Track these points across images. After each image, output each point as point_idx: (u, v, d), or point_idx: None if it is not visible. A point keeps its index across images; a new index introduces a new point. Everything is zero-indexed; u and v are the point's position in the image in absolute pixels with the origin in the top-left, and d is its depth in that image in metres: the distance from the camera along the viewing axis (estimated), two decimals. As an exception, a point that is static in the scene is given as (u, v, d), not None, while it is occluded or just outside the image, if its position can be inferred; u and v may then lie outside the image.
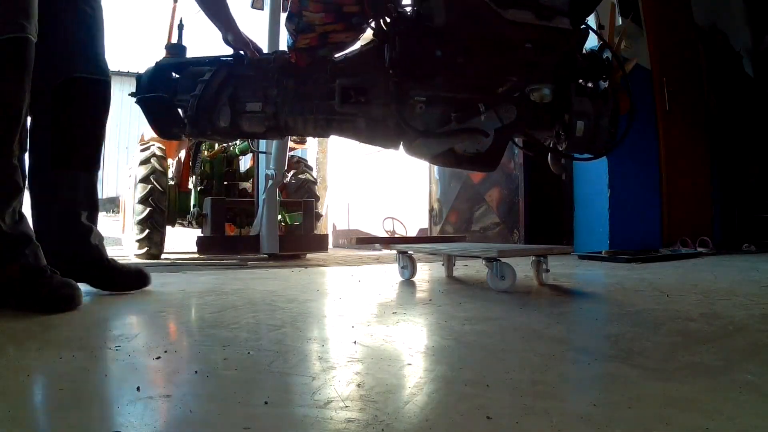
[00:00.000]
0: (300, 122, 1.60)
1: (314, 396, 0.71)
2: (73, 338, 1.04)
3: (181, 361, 0.89)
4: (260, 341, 1.04)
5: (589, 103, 1.50)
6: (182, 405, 0.68)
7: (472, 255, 1.89)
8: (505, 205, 4.18)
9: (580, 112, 1.50)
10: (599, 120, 1.51)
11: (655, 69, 4.05)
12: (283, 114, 1.59)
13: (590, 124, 1.50)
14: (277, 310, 1.41)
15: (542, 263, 1.96)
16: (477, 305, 1.48)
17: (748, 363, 0.89)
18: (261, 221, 3.44)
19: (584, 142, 1.53)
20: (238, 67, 1.65)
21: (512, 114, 1.49)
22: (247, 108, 1.59)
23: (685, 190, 4.27)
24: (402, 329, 1.19)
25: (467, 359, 0.93)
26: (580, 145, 1.54)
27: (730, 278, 2.17)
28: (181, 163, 4.12)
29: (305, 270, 2.69)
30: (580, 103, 1.51)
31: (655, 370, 0.84)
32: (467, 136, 1.50)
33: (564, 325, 1.23)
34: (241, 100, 1.60)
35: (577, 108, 1.50)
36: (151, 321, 1.28)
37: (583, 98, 1.51)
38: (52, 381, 0.79)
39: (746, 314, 1.33)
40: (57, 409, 0.67)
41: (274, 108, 1.58)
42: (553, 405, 0.69)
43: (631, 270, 2.59)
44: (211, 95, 1.59)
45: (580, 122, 1.50)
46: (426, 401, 0.70)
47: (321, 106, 1.57)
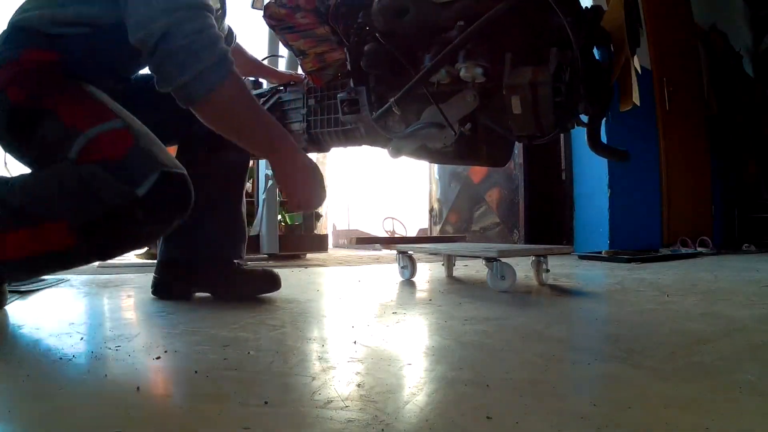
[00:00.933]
0: (327, 136, 1.78)
1: (314, 396, 0.71)
2: (72, 337, 1.04)
3: (181, 361, 0.89)
4: (260, 341, 1.04)
5: (529, 73, 1.30)
6: (182, 405, 0.68)
7: (472, 255, 1.89)
8: (505, 205, 4.18)
9: (512, 85, 1.31)
10: (536, 90, 1.28)
11: (655, 69, 4.05)
12: (315, 130, 1.78)
13: (528, 97, 1.30)
14: (277, 310, 1.41)
15: (542, 263, 1.96)
16: (477, 305, 1.48)
17: (748, 363, 0.89)
18: (261, 221, 3.44)
19: (530, 120, 1.33)
20: (283, 94, 1.87)
21: (471, 101, 1.39)
22: (291, 128, 1.82)
23: (685, 190, 4.28)
24: (402, 329, 1.19)
25: (467, 359, 0.92)
26: (526, 125, 1.34)
27: (730, 278, 2.17)
28: (181, 163, 4.12)
29: (305, 270, 2.69)
30: (514, 74, 1.32)
31: (655, 370, 0.84)
32: (426, 132, 1.47)
33: (564, 325, 1.23)
34: (286, 122, 1.83)
35: (509, 81, 1.32)
36: (151, 321, 1.28)
37: (523, 68, 1.32)
38: (52, 381, 0.78)
39: (746, 314, 1.33)
40: (57, 409, 0.67)
41: (306, 125, 1.79)
42: (553, 405, 0.68)
43: (631, 270, 2.59)
44: None
45: (515, 97, 1.31)
46: (426, 401, 0.70)
47: (336, 120, 1.72)
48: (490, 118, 1.42)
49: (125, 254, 1.41)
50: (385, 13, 1.43)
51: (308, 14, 1.59)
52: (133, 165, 1.13)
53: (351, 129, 1.69)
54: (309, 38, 1.65)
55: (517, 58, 1.35)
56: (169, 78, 1.15)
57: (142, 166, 1.14)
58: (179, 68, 1.13)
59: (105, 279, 2.12)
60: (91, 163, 1.11)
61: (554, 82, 1.27)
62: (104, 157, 1.12)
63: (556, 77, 1.27)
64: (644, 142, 3.96)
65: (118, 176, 1.11)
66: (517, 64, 1.33)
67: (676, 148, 4.17)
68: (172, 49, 1.12)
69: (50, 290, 1.74)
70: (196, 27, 1.13)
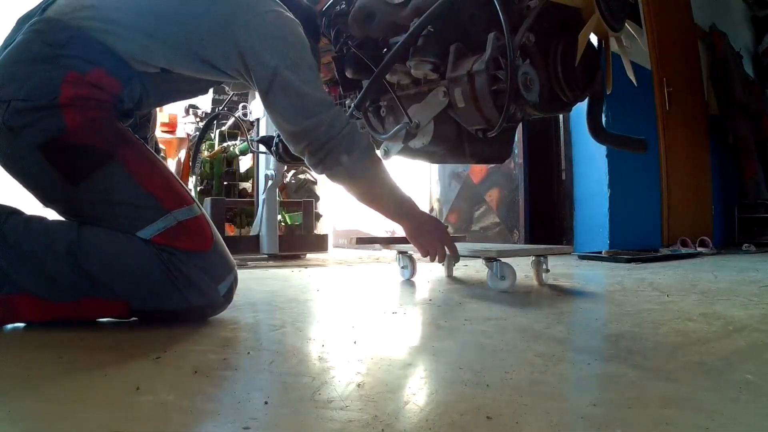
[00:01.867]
0: None
1: (314, 396, 0.71)
2: (72, 338, 1.04)
3: (181, 361, 0.89)
4: (260, 341, 1.04)
5: (469, 64, 1.24)
6: (182, 405, 0.68)
7: (472, 255, 1.89)
8: (505, 205, 4.18)
9: (453, 78, 1.26)
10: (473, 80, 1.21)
11: (655, 69, 4.05)
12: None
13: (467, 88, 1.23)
14: (277, 310, 1.41)
15: (542, 263, 1.96)
16: (477, 305, 1.48)
17: (748, 363, 0.89)
18: (261, 221, 3.44)
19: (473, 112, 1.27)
20: None
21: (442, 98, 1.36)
22: None
23: (685, 190, 4.27)
24: (402, 329, 1.19)
25: (467, 359, 0.92)
26: (472, 117, 1.30)
27: (730, 278, 2.17)
28: (181, 163, 4.13)
29: (305, 270, 2.69)
30: (455, 66, 1.26)
31: (655, 370, 0.84)
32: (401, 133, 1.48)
33: (564, 325, 1.23)
34: None
35: (450, 74, 1.26)
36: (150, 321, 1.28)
37: (464, 59, 1.26)
38: (52, 381, 0.78)
39: (746, 314, 1.33)
40: (57, 410, 0.67)
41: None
42: (553, 405, 0.68)
43: (631, 270, 2.59)
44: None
45: (457, 90, 1.26)
46: (426, 401, 0.70)
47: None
48: (457, 114, 1.38)
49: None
50: (357, 19, 1.45)
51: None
52: (215, 261, 1.15)
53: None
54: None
55: (464, 48, 1.30)
56: (333, 164, 1.21)
57: (222, 264, 1.17)
58: (345, 154, 1.20)
59: (105, 279, 2.11)
60: (176, 250, 1.10)
61: (491, 69, 1.21)
62: (191, 248, 1.11)
63: (493, 64, 1.21)
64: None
65: (207, 272, 1.12)
66: (463, 54, 1.29)
67: (676, 148, 4.17)
68: (337, 140, 1.19)
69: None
70: (343, 118, 1.21)
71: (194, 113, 4.30)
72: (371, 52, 1.48)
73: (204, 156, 3.96)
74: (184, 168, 4.08)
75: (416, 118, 1.43)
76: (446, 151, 1.54)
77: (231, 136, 4.11)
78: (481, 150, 1.57)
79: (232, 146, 4.04)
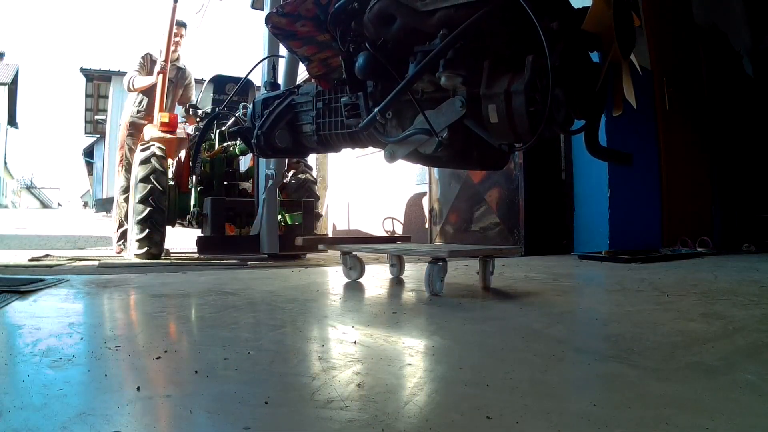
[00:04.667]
0: (334, 138, 1.82)
1: (314, 396, 0.71)
2: (72, 338, 1.04)
3: (181, 361, 0.89)
4: (260, 341, 1.04)
5: (505, 82, 1.28)
6: (182, 405, 0.68)
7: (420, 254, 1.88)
8: (505, 205, 4.18)
9: (487, 95, 1.30)
10: (510, 100, 1.26)
11: (655, 69, 4.05)
12: (323, 132, 1.83)
13: (503, 106, 1.27)
14: (277, 310, 1.41)
15: (488, 264, 1.87)
16: (477, 305, 1.48)
17: (748, 363, 0.89)
18: (261, 221, 3.44)
19: (507, 129, 1.31)
20: (296, 96, 1.91)
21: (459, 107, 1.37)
22: (303, 129, 1.87)
23: (685, 190, 4.27)
24: (402, 329, 1.19)
25: (467, 359, 0.92)
26: (503, 134, 1.33)
27: (730, 278, 2.17)
28: (181, 163, 4.12)
29: (305, 270, 2.69)
30: (490, 83, 1.30)
31: (655, 370, 0.84)
32: (417, 138, 1.47)
33: (564, 325, 1.23)
34: (298, 123, 1.88)
35: (485, 91, 1.30)
36: (151, 321, 1.28)
37: (499, 76, 1.30)
38: (53, 382, 0.78)
39: (746, 314, 1.33)
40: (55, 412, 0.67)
41: (315, 127, 1.84)
42: (553, 405, 0.68)
43: (631, 270, 2.59)
44: (270, 124, 1.88)
45: (491, 106, 1.30)
46: (426, 401, 0.70)
47: (341, 123, 1.75)
48: (476, 124, 1.40)
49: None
50: (374, 21, 1.43)
51: (308, 22, 1.62)
52: None
53: (355, 132, 1.71)
54: (311, 45, 1.68)
55: (497, 65, 1.33)
56: None
57: None
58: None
59: (105, 279, 2.11)
60: None
61: (529, 91, 1.25)
62: None
63: (531, 86, 1.25)
64: (644, 142, 3.96)
65: None
66: (496, 71, 1.32)
67: (676, 148, 4.17)
68: None
69: (50, 290, 1.74)
70: None
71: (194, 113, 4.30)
72: (389, 55, 1.47)
73: (204, 156, 3.95)
74: (185, 168, 4.07)
75: (425, 124, 1.43)
76: (453, 157, 1.54)
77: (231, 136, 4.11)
78: (485, 157, 1.57)
79: (232, 146, 4.04)
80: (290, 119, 1.88)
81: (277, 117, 1.88)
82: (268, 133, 1.88)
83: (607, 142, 3.41)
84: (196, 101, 4.60)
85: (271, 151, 1.92)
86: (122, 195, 4.23)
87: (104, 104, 17.77)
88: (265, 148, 1.89)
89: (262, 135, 1.85)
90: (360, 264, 2.09)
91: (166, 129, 3.90)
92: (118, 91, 14.93)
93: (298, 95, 1.90)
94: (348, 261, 2.10)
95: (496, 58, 1.34)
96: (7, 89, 24.10)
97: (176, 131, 3.96)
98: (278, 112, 1.88)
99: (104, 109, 17.69)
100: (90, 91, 17.91)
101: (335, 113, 1.78)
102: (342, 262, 2.11)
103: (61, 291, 1.75)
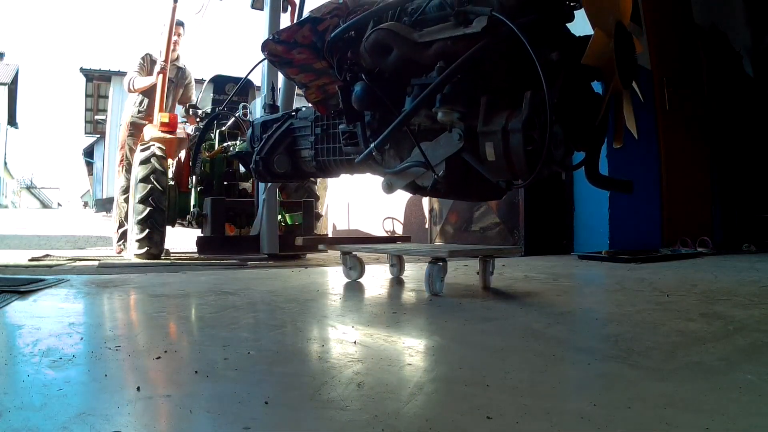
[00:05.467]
0: (333, 164, 1.83)
1: (314, 396, 0.71)
2: (72, 338, 1.04)
3: (181, 361, 0.89)
4: (260, 341, 1.04)
5: (502, 119, 1.25)
6: (182, 405, 0.68)
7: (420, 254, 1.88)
8: (505, 205, 4.18)
9: (485, 132, 1.27)
10: (508, 138, 1.23)
11: (655, 69, 4.05)
12: (322, 158, 1.84)
13: (500, 144, 1.24)
14: (277, 310, 1.41)
15: (488, 265, 1.87)
16: (477, 305, 1.48)
17: (748, 363, 0.89)
18: (261, 221, 3.44)
19: (504, 167, 1.28)
20: (295, 120, 1.92)
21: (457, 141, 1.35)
22: (302, 154, 1.89)
23: (685, 190, 4.27)
24: (402, 329, 1.19)
25: (467, 359, 0.92)
26: (500, 171, 1.30)
27: (730, 278, 2.17)
28: (181, 163, 4.12)
29: (305, 270, 2.69)
30: (488, 120, 1.27)
31: (655, 370, 0.84)
32: (415, 170, 1.47)
33: (564, 325, 1.23)
34: (297, 147, 1.90)
35: (482, 128, 1.27)
36: (151, 321, 1.28)
37: (497, 113, 1.27)
38: (53, 382, 0.78)
39: (746, 314, 1.33)
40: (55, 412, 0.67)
41: (314, 152, 1.85)
42: (553, 405, 0.68)
43: (631, 270, 2.59)
44: (269, 149, 1.89)
45: (488, 144, 1.27)
46: (426, 401, 0.70)
47: (339, 150, 1.76)
48: (474, 158, 1.38)
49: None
50: (371, 51, 1.41)
51: (305, 50, 1.61)
52: None
53: (353, 159, 1.71)
54: (308, 72, 1.68)
55: (494, 100, 1.30)
56: None
57: None
58: None
59: (105, 279, 2.12)
60: None
61: (527, 129, 1.21)
62: None
63: (529, 124, 1.22)
64: (644, 142, 3.96)
65: None
66: (494, 107, 1.29)
67: (676, 147, 4.17)
68: None
69: (50, 290, 1.74)
70: None
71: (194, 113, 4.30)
72: (385, 85, 1.44)
73: (204, 156, 3.95)
74: (185, 168, 4.06)
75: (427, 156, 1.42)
76: (451, 189, 1.53)
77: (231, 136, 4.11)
78: (484, 189, 1.55)
79: (232, 146, 4.04)
80: (289, 143, 1.90)
81: (275, 142, 1.90)
82: (266, 159, 1.90)
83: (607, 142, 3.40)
84: (196, 101, 4.60)
85: (270, 176, 1.93)
86: (122, 195, 4.23)
87: (104, 104, 17.78)
88: (264, 173, 1.90)
89: (260, 160, 1.86)
90: (360, 264, 2.09)
91: (166, 129, 3.90)
92: (118, 91, 14.94)
93: (296, 119, 1.91)
94: (348, 261, 2.09)
95: (494, 93, 1.31)
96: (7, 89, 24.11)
97: (176, 131, 3.96)
98: (277, 137, 1.90)
99: (104, 109, 17.70)
100: (90, 91, 17.91)
101: (333, 139, 1.79)
102: (342, 262, 2.10)
103: (61, 291, 1.75)
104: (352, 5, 1.55)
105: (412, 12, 1.40)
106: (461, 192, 1.54)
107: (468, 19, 1.25)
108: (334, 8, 1.55)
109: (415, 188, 1.57)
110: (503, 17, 1.19)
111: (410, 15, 1.40)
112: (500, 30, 1.20)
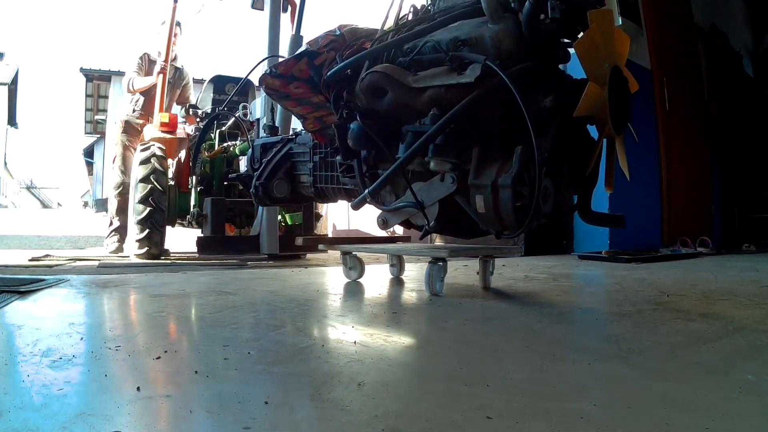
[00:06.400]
0: (330, 191, 1.85)
1: (314, 396, 0.71)
2: (72, 338, 1.04)
3: (181, 361, 0.89)
4: (260, 341, 1.04)
5: (493, 173, 1.25)
6: (182, 405, 0.68)
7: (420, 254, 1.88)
8: (505, 205, 4.18)
9: (475, 185, 1.27)
10: (497, 193, 1.23)
11: (655, 69, 4.05)
12: (320, 185, 1.87)
13: (489, 198, 1.25)
14: (277, 310, 1.41)
15: (488, 265, 1.87)
16: (477, 305, 1.48)
17: (748, 363, 0.89)
18: (261, 221, 3.44)
19: (493, 219, 1.28)
20: (294, 145, 1.95)
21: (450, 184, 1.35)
22: (300, 179, 1.92)
23: (685, 190, 4.27)
24: (402, 329, 1.19)
25: (467, 359, 0.92)
26: (490, 222, 1.31)
27: (730, 278, 2.17)
28: (181, 163, 4.12)
29: (305, 270, 2.69)
30: (479, 173, 1.27)
31: (655, 370, 0.84)
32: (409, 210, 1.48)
33: (564, 325, 1.23)
34: (296, 172, 1.93)
35: (473, 181, 1.27)
36: (151, 321, 1.28)
37: (489, 165, 1.27)
38: (53, 382, 0.78)
39: (746, 314, 1.33)
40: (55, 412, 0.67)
41: (312, 179, 1.88)
42: (553, 405, 0.68)
43: (631, 270, 2.59)
44: (269, 174, 1.93)
45: (478, 196, 1.27)
46: (426, 401, 0.70)
47: (337, 179, 1.78)
48: (466, 202, 1.38)
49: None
50: (366, 92, 1.42)
51: (302, 84, 1.62)
52: None
53: (352, 189, 1.73)
54: (305, 105, 1.70)
55: (486, 151, 1.30)
56: None
57: None
58: None
59: (105, 279, 2.12)
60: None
61: (516, 185, 1.21)
62: None
63: (519, 180, 1.22)
64: (644, 142, 3.96)
65: None
66: (485, 159, 1.29)
67: (676, 148, 4.17)
68: None
69: (50, 290, 1.74)
70: None
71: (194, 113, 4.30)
72: (381, 125, 1.44)
73: (204, 156, 3.95)
74: (185, 168, 4.06)
75: (420, 197, 1.42)
76: (445, 228, 1.54)
77: (231, 136, 4.11)
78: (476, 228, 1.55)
79: (232, 146, 4.04)
80: (288, 168, 1.94)
81: (275, 167, 1.94)
82: (266, 184, 1.94)
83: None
84: (195, 101, 4.60)
85: (270, 201, 1.95)
86: (116, 191, 4.23)
87: (104, 104, 17.78)
88: (264, 198, 1.92)
89: (260, 186, 1.89)
90: (360, 264, 2.09)
91: (166, 129, 3.90)
92: (117, 91, 14.92)
93: (295, 143, 1.93)
94: (348, 261, 2.09)
95: (487, 139, 1.31)
96: (7, 89, 24.09)
97: (176, 131, 3.96)
98: (276, 162, 1.94)
99: (104, 109, 17.70)
100: (90, 91, 17.91)
101: (332, 168, 1.81)
102: (342, 262, 2.10)
103: (61, 291, 1.75)
104: (349, 38, 1.56)
105: (408, 51, 1.39)
106: (455, 230, 1.55)
107: (462, 65, 1.24)
108: (331, 41, 1.55)
109: (410, 225, 1.58)
110: (496, 67, 1.18)
111: (406, 54, 1.40)
112: (494, 79, 1.19)
